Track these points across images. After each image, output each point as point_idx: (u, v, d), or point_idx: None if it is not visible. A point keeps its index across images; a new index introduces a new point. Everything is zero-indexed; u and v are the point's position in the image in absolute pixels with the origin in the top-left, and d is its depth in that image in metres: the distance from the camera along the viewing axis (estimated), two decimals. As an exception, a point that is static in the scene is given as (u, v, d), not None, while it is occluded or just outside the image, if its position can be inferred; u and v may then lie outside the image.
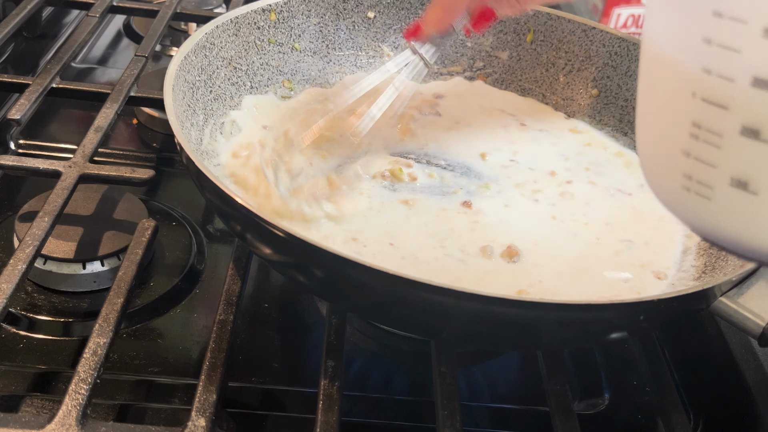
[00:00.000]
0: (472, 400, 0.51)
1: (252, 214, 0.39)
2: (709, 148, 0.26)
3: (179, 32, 0.92)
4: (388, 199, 0.54)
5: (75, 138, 0.68)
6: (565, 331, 0.39)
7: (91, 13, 0.76)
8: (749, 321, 0.39)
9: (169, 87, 0.48)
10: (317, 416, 0.40)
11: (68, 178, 0.52)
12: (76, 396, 0.38)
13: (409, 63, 0.54)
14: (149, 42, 0.71)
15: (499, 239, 0.51)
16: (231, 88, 0.59)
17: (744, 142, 0.25)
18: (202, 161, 0.42)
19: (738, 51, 0.24)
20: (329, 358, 0.44)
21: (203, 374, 0.41)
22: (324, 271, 0.40)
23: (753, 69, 0.24)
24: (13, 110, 0.59)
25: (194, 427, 0.38)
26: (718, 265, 0.48)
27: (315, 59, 0.66)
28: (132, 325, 0.52)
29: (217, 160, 0.55)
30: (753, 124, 0.25)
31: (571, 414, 0.43)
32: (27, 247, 0.46)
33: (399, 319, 0.45)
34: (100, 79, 0.82)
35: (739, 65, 0.25)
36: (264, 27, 0.62)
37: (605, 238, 0.53)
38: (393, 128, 0.61)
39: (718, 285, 0.39)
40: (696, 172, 0.27)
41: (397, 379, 0.53)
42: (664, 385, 0.47)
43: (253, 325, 0.54)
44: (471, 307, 0.37)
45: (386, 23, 0.68)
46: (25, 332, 0.51)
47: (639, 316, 0.39)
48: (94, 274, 0.53)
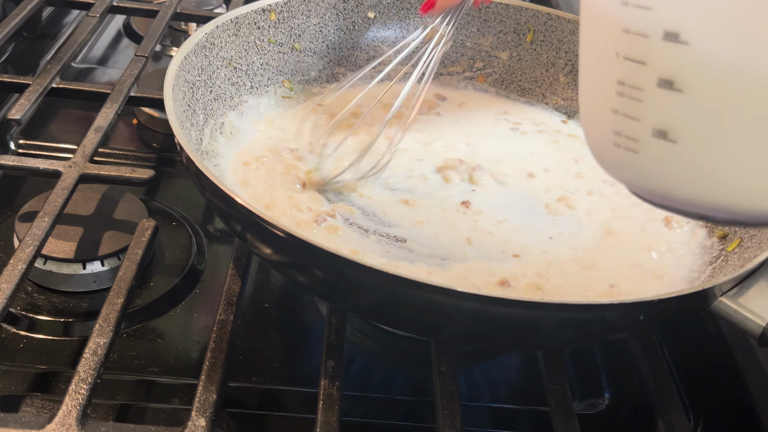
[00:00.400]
0: (472, 400, 0.51)
1: (252, 214, 0.39)
2: (633, 103, 0.29)
3: (179, 32, 0.92)
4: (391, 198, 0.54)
5: (75, 138, 0.68)
6: (565, 330, 0.39)
7: (91, 13, 0.76)
8: (749, 321, 0.39)
9: (169, 87, 0.48)
10: (317, 416, 0.40)
11: (68, 178, 0.52)
12: (76, 396, 0.38)
13: (428, 42, 0.55)
14: (149, 42, 0.71)
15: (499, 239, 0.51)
16: (231, 88, 0.59)
17: (661, 93, 0.28)
18: (202, 161, 0.42)
19: (649, 8, 0.27)
20: (329, 358, 0.44)
21: (203, 374, 0.41)
22: (324, 271, 0.40)
23: (663, 24, 0.27)
24: (13, 110, 0.59)
25: (194, 427, 0.38)
26: (719, 265, 0.48)
27: (315, 59, 0.66)
28: (132, 325, 0.52)
29: (218, 160, 0.55)
30: (667, 75, 0.27)
31: (571, 414, 0.43)
32: (27, 247, 0.46)
33: (399, 319, 0.45)
34: (100, 79, 0.82)
35: (651, 22, 0.27)
36: (264, 27, 0.62)
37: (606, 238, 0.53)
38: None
39: (718, 285, 0.39)
40: (624, 127, 0.30)
41: (397, 379, 0.53)
42: (664, 385, 0.47)
43: (253, 325, 0.54)
44: (471, 307, 0.37)
45: (386, 23, 0.68)
46: (26, 332, 0.51)
47: (639, 316, 0.39)
48: (94, 274, 0.53)
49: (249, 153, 0.56)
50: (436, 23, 0.55)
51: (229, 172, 0.54)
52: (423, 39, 0.56)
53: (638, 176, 0.31)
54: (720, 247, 0.50)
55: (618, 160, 0.31)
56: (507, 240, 0.51)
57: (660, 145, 0.29)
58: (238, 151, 0.56)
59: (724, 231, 0.51)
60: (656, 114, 0.29)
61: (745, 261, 0.44)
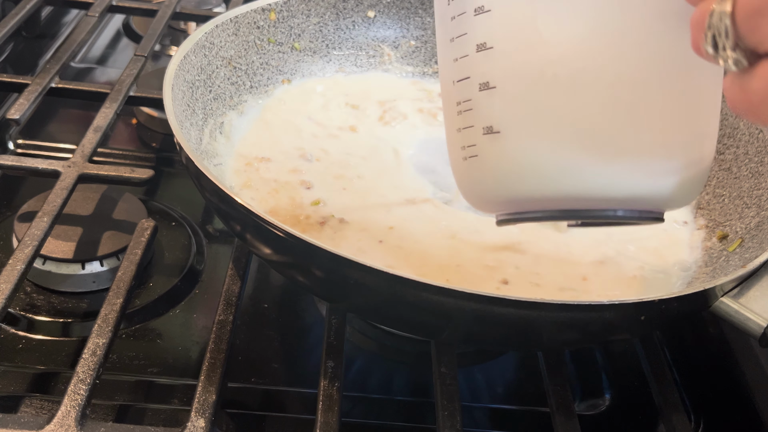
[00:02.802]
0: (473, 401, 0.51)
1: (252, 214, 0.39)
2: (467, 115, 0.35)
3: (179, 32, 0.92)
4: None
5: (74, 138, 0.68)
6: (566, 331, 0.39)
7: (91, 12, 0.76)
8: (750, 321, 0.39)
9: (169, 87, 0.48)
10: (317, 417, 0.40)
11: (67, 178, 0.52)
12: (75, 396, 0.38)
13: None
14: (149, 42, 0.71)
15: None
16: (230, 87, 0.59)
17: (482, 96, 0.34)
18: (201, 161, 0.42)
19: (465, 33, 0.34)
20: (329, 358, 0.44)
21: (202, 375, 0.41)
22: (324, 271, 0.40)
23: (475, 39, 0.33)
24: (12, 110, 0.59)
25: (193, 427, 0.38)
26: (719, 266, 0.48)
27: (315, 59, 0.66)
28: (131, 326, 0.52)
29: (218, 160, 0.54)
30: (483, 79, 0.33)
31: (572, 414, 0.43)
32: (26, 248, 0.46)
33: (399, 320, 0.45)
34: (99, 78, 0.82)
35: (468, 42, 0.34)
36: (264, 26, 0.62)
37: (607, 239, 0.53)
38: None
39: (719, 285, 0.39)
40: (465, 138, 0.35)
41: (397, 379, 0.53)
42: (665, 386, 0.47)
43: (253, 325, 0.54)
44: (471, 307, 0.36)
45: (386, 23, 0.68)
46: (24, 332, 0.51)
47: (640, 317, 0.39)
48: (93, 274, 0.53)
49: (250, 153, 0.56)
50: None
51: (230, 172, 0.54)
52: None
53: (484, 181, 0.35)
54: (721, 248, 0.50)
55: (469, 174, 0.36)
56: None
57: (490, 140, 0.34)
58: (239, 152, 0.56)
59: (724, 231, 0.51)
60: (482, 114, 0.34)
61: (746, 261, 0.44)
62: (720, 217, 0.53)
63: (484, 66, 0.33)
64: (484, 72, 0.33)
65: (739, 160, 0.54)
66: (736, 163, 0.54)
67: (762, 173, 0.51)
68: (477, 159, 0.35)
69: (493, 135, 0.34)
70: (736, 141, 0.54)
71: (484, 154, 0.34)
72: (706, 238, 0.52)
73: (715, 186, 0.55)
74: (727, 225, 0.51)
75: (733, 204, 0.52)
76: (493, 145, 0.34)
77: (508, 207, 0.35)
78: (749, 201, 0.51)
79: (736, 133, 0.54)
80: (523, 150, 0.33)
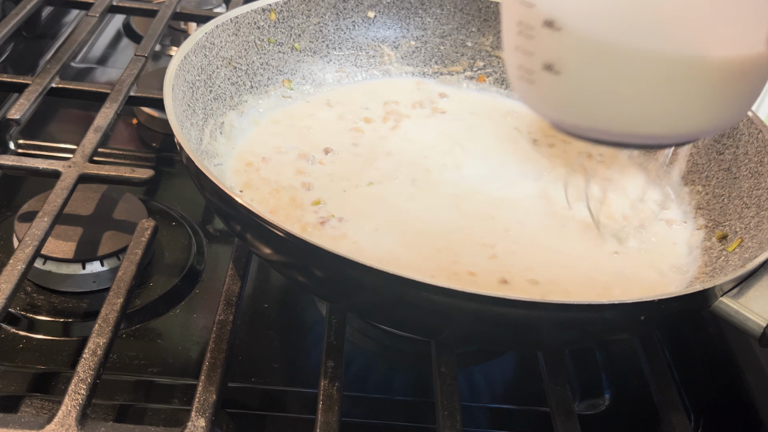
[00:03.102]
0: (473, 401, 0.51)
1: (252, 214, 0.39)
2: (528, 40, 0.36)
3: (179, 32, 0.92)
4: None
5: (74, 138, 0.68)
6: (566, 331, 0.39)
7: (91, 12, 0.76)
8: (750, 321, 0.39)
9: (169, 87, 0.48)
10: (317, 417, 0.40)
11: (68, 178, 0.52)
12: (76, 396, 0.38)
13: None
14: (149, 42, 0.71)
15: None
16: (231, 87, 0.59)
17: (546, 32, 0.34)
18: (202, 161, 0.42)
19: None
20: (329, 358, 0.44)
21: (203, 374, 0.41)
22: (324, 271, 0.40)
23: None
24: (13, 110, 0.59)
25: (194, 427, 0.38)
26: (719, 266, 0.48)
27: (315, 59, 0.66)
28: (132, 326, 0.52)
29: (218, 160, 0.55)
30: (549, 17, 0.34)
31: (572, 414, 0.43)
32: (26, 247, 0.46)
33: (399, 320, 0.45)
34: (99, 78, 0.82)
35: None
36: (264, 27, 0.62)
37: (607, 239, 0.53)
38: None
39: (719, 285, 0.39)
40: (523, 61, 0.36)
41: (397, 379, 0.53)
42: (665, 385, 0.47)
43: (253, 325, 0.54)
44: (471, 307, 0.36)
45: (386, 23, 0.68)
46: (25, 332, 0.51)
47: (639, 317, 0.39)
48: (93, 274, 0.53)
49: (251, 153, 0.56)
50: None
51: (231, 172, 0.54)
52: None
53: (536, 103, 0.38)
54: (720, 248, 0.50)
55: (522, 90, 0.38)
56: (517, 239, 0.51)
57: (548, 77, 0.35)
58: (240, 152, 0.56)
59: (724, 231, 0.51)
60: (544, 49, 0.35)
61: (745, 261, 0.44)
62: (719, 217, 0.53)
63: (550, 4, 0.34)
64: (550, 7, 0.34)
65: (738, 160, 0.54)
66: (736, 163, 0.54)
67: (762, 173, 0.51)
68: (532, 86, 0.37)
69: (552, 74, 0.35)
70: (736, 141, 0.54)
71: (540, 87, 0.36)
72: (706, 238, 0.52)
73: (714, 186, 0.55)
74: (726, 225, 0.51)
75: (733, 204, 0.52)
76: (550, 83, 0.36)
77: (557, 124, 0.38)
78: (749, 201, 0.51)
79: (736, 133, 0.54)
80: (579, 93, 0.35)
